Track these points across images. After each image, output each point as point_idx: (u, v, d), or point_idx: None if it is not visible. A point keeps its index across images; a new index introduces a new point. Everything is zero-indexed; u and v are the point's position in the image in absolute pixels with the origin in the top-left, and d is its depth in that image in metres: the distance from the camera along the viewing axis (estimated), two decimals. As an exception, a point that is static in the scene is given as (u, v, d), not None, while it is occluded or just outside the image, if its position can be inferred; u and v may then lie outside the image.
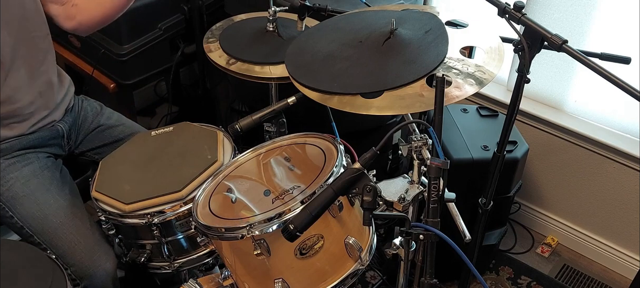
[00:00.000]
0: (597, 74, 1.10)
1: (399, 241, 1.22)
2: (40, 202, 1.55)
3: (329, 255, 1.23)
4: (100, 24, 1.70)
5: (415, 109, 1.21)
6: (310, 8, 1.65)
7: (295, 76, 1.36)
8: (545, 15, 2.11)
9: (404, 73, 1.25)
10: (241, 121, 1.50)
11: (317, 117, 1.55)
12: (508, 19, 1.23)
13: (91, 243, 1.56)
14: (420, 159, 1.25)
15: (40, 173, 1.60)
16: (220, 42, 1.77)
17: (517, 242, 2.47)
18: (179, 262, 1.52)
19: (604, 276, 2.33)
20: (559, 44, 1.15)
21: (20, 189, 1.56)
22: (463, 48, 1.31)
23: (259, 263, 1.22)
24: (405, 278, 1.36)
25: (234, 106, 2.88)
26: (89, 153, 1.81)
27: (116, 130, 1.80)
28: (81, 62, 2.31)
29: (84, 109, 1.81)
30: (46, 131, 1.67)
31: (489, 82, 1.23)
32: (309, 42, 1.50)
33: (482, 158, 1.88)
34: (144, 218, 1.42)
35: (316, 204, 1.08)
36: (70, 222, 1.55)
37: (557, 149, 2.30)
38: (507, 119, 1.41)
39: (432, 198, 1.08)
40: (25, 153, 1.61)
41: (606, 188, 2.24)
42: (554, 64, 2.21)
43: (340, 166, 1.25)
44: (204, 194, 1.37)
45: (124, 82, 2.27)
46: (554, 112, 2.28)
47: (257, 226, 1.17)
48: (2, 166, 1.57)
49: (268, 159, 1.42)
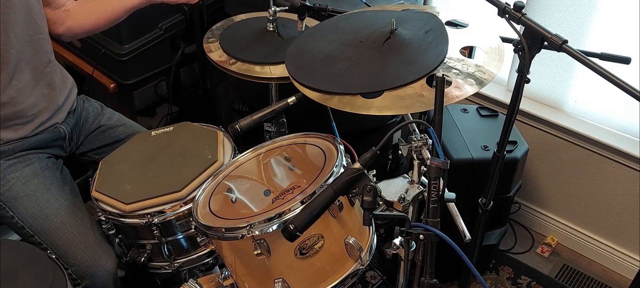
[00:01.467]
0: (597, 74, 1.10)
1: (399, 241, 1.23)
2: (40, 202, 1.55)
3: (329, 255, 1.23)
4: (89, 32, 1.73)
5: (415, 109, 1.21)
6: (310, 8, 1.65)
7: (295, 76, 1.37)
8: (545, 15, 2.12)
9: (404, 73, 1.25)
10: (241, 121, 1.50)
11: (317, 117, 1.55)
12: (508, 19, 1.23)
13: (92, 242, 1.55)
14: (420, 159, 1.25)
15: (41, 173, 1.60)
16: (220, 42, 1.77)
17: (517, 242, 2.47)
18: (179, 261, 1.52)
19: (604, 276, 2.33)
20: (559, 44, 1.15)
21: (20, 189, 1.56)
22: (463, 48, 1.31)
23: (259, 263, 1.22)
24: (405, 278, 1.36)
25: (234, 106, 2.88)
26: (89, 154, 1.80)
27: (117, 130, 1.80)
28: (81, 62, 2.31)
29: (85, 110, 1.81)
30: (48, 133, 1.66)
31: (489, 82, 1.23)
32: (309, 42, 1.50)
33: (482, 158, 1.88)
34: (144, 218, 1.42)
35: (316, 204, 1.08)
36: (71, 221, 1.55)
37: (557, 149, 2.30)
38: (507, 119, 1.41)
39: (432, 198, 1.08)
40: (26, 154, 1.61)
41: (606, 188, 2.24)
42: (554, 64, 2.21)
43: (340, 166, 1.25)
44: (204, 194, 1.37)
45: (124, 82, 2.27)
46: (553, 112, 2.28)
47: (257, 226, 1.17)
48: (3, 167, 1.57)
49: (268, 159, 1.42)
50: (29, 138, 1.62)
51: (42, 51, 1.59)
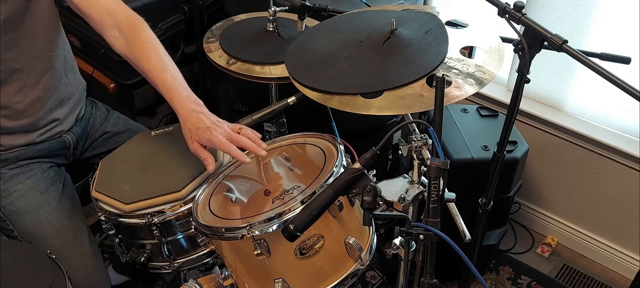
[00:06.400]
0: (597, 74, 1.10)
1: (399, 241, 1.22)
2: (41, 222, 1.53)
3: (329, 255, 1.23)
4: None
5: (415, 109, 1.21)
6: (310, 8, 1.65)
7: (295, 76, 1.37)
8: (545, 15, 2.11)
9: (404, 73, 1.25)
10: (241, 121, 1.50)
11: (317, 117, 1.55)
12: (508, 19, 1.23)
13: (90, 270, 1.56)
14: (420, 159, 1.25)
15: (44, 188, 1.57)
16: (220, 42, 1.77)
17: (517, 242, 2.47)
18: (179, 261, 1.52)
19: (604, 276, 2.33)
20: (559, 44, 1.15)
21: (22, 205, 1.54)
22: (463, 48, 1.31)
23: (259, 263, 1.22)
24: (405, 278, 1.36)
25: (234, 106, 2.88)
26: (93, 158, 1.79)
27: (122, 136, 1.78)
28: (81, 62, 2.31)
29: (93, 116, 1.78)
30: (53, 142, 1.64)
31: (489, 82, 1.23)
32: (309, 42, 1.50)
33: (482, 158, 1.88)
34: (144, 218, 1.42)
35: (316, 204, 1.08)
36: (71, 245, 1.55)
37: (557, 149, 2.30)
38: (507, 119, 1.41)
39: (432, 198, 1.08)
40: (29, 163, 1.59)
41: (606, 188, 2.24)
42: (554, 64, 2.21)
43: (340, 166, 1.25)
44: (204, 194, 1.37)
45: (124, 82, 2.27)
46: (554, 112, 2.28)
47: (257, 226, 1.17)
48: (6, 177, 1.55)
49: (268, 159, 1.42)
50: (34, 145, 1.60)
51: (53, 68, 1.57)
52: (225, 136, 1.32)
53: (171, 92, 1.37)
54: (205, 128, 1.32)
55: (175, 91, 1.36)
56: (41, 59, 1.53)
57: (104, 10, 1.45)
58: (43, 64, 1.54)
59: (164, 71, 1.39)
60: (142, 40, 1.43)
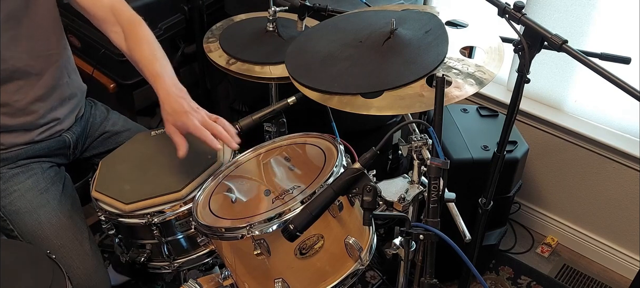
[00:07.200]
0: (597, 74, 1.10)
1: (399, 241, 1.22)
2: (42, 222, 1.54)
3: (329, 255, 1.23)
4: None
5: (415, 109, 1.21)
6: (310, 8, 1.65)
7: (295, 76, 1.36)
8: (545, 15, 2.12)
9: (404, 73, 1.25)
10: (241, 121, 1.50)
11: (317, 117, 1.55)
12: (508, 19, 1.23)
13: (90, 270, 1.56)
14: (420, 159, 1.25)
15: (44, 188, 1.58)
16: (220, 42, 1.77)
17: (517, 242, 2.47)
18: (179, 261, 1.52)
19: (604, 276, 2.33)
20: (559, 44, 1.15)
21: (22, 205, 1.54)
22: (463, 48, 1.31)
23: (259, 263, 1.22)
24: (405, 278, 1.36)
25: (234, 106, 2.88)
26: (93, 158, 1.79)
27: (122, 136, 1.79)
28: (81, 62, 2.31)
29: (93, 116, 1.79)
30: (53, 141, 1.64)
31: (489, 82, 1.23)
32: (309, 42, 1.50)
33: (482, 158, 1.88)
34: (144, 218, 1.42)
35: (316, 204, 1.08)
36: (71, 245, 1.55)
37: (557, 149, 2.30)
38: (507, 119, 1.41)
39: (432, 198, 1.08)
40: (29, 163, 1.59)
41: (606, 188, 2.24)
42: (554, 64, 2.21)
43: (340, 166, 1.25)
44: (204, 194, 1.37)
45: (124, 82, 2.27)
46: (553, 112, 2.28)
47: (257, 226, 1.17)
48: (6, 177, 1.55)
49: (268, 159, 1.42)
50: (33, 144, 1.60)
51: (55, 67, 1.57)
52: (201, 121, 1.35)
53: (157, 78, 1.40)
54: (183, 112, 1.35)
55: (161, 77, 1.39)
56: (42, 58, 1.53)
57: (108, 9, 1.51)
58: (44, 62, 1.54)
59: (154, 62, 1.43)
60: (138, 34, 1.50)
